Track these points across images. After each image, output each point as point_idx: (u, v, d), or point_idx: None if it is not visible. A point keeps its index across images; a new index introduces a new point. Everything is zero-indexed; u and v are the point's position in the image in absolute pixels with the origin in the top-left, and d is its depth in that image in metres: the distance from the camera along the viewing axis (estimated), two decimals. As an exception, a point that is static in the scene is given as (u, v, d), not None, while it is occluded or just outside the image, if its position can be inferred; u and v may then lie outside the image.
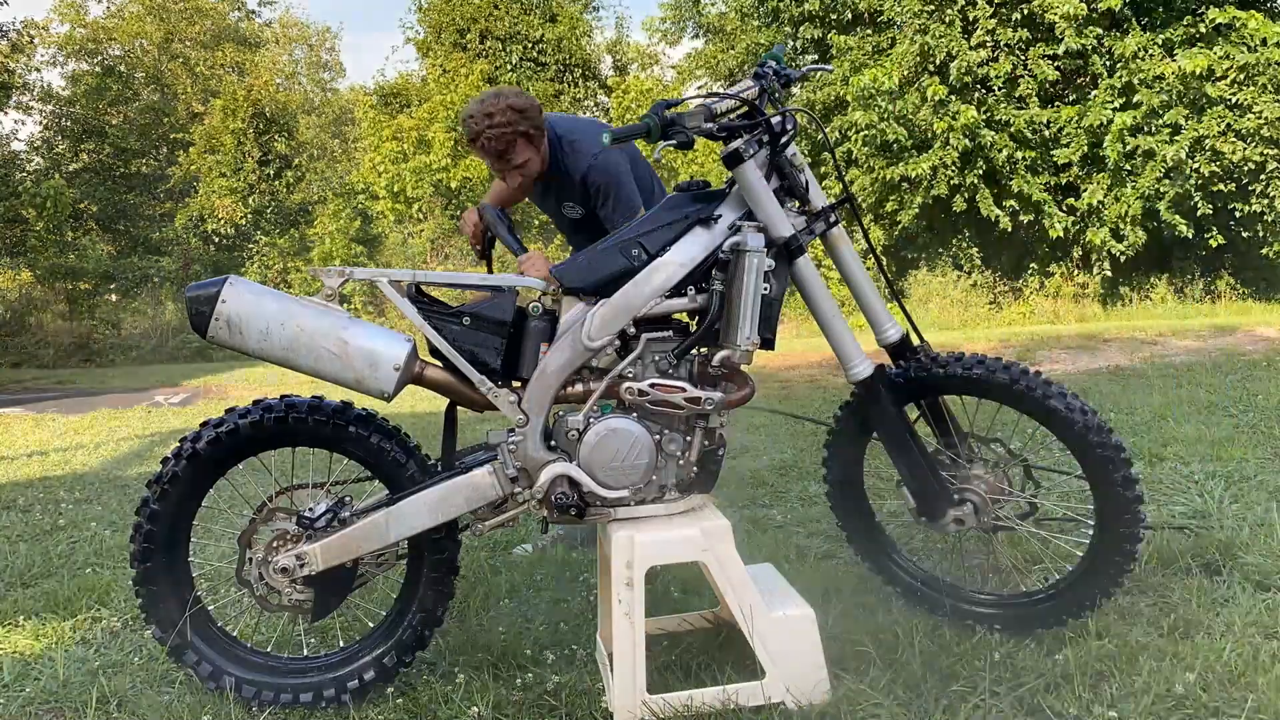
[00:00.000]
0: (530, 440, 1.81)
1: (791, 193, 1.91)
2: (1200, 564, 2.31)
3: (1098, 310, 11.77)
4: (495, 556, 2.78)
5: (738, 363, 1.79)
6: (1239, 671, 1.74)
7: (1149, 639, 1.91)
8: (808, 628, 1.78)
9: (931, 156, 11.71)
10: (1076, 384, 5.32)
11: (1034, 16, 11.73)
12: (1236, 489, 2.94)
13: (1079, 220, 11.97)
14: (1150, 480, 3.06)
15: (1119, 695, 1.69)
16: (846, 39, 12.97)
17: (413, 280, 1.84)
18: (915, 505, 1.98)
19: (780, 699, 1.74)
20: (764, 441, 4.18)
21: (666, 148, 1.74)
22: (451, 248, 14.53)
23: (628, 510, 1.83)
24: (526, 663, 1.99)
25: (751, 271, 1.76)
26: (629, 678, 1.71)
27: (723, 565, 1.77)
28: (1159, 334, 7.78)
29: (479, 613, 2.32)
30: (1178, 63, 10.58)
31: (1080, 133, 11.43)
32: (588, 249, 1.90)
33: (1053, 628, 1.96)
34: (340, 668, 1.87)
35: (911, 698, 1.74)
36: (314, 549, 1.80)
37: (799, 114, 1.95)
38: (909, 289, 12.88)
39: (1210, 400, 4.46)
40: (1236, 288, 12.00)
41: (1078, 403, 1.87)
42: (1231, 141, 10.57)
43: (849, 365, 1.93)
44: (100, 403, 7.56)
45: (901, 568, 2.16)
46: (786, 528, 2.91)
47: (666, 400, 1.78)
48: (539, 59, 18.58)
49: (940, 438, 2.04)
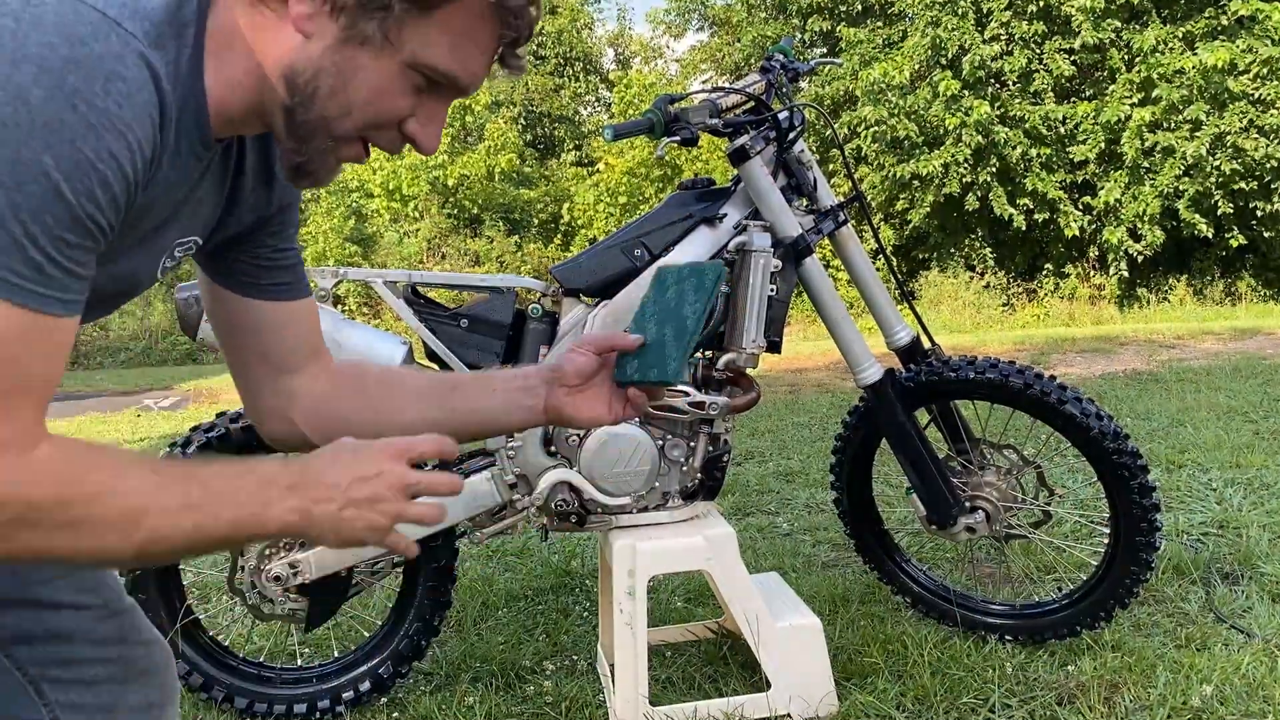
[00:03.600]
0: (529, 446, 1.78)
1: (799, 191, 1.87)
2: (1219, 573, 2.26)
3: (1114, 312, 11.63)
4: (494, 564, 2.75)
5: (743, 366, 1.76)
6: (1257, 683, 1.71)
7: (1165, 650, 1.87)
8: (814, 638, 1.75)
9: (943, 153, 11.61)
10: (1092, 388, 5.25)
11: (1050, 9, 11.61)
12: (1256, 496, 2.88)
13: (1095, 219, 11.85)
14: (1168, 488, 3.02)
15: (1134, 707, 1.66)
16: (856, 32, 12.88)
17: (408, 281, 1.81)
18: (926, 513, 1.95)
19: (786, 711, 1.71)
20: (770, 447, 4.15)
21: (670, 144, 1.70)
22: (449, 247, 14.52)
23: (630, 518, 1.80)
24: (526, 673, 1.96)
25: (757, 272, 1.73)
26: (631, 689, 1.68)
27: (727, 574, 1.73)
28: (1177, 337, 7.69)
29: (477, 622, 2.29)
30: (1199, 56, 10.44)
31: (1097, 129, 11.30)
32: (588, 249, 1.87)
33: (1066, 638, 1.93)
34: (335, 678, 1.85)
35: (921, 710, 1.71)
36: (308, 557, 1.77)
37: (807, 109, 1.91)
38: (920, 290, 12.78)
39: (1230, 405, 4.38)
40: (1258, 289, 11.82)
41: (1093, 408, 1.83)
42: (1254, 138, 10.42)
43: (858, 369, 1.89)
44: (89, 406, 7.53)
45: (911, 577, 2.12)
46: (793, 536, 2.88)
47: (669, 405, 1.75)
48: (539, 52, 18.58)
49: (952, 444, 2.01)
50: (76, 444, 0.71)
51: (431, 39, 0.73)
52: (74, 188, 0.62)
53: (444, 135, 14.68)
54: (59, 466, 0.67)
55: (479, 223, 15.47)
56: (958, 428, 1.99)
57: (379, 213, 15.25)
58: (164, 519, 0.70)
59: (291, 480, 0.76)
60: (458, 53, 0.75)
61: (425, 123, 0.79)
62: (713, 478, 1.84)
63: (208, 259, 0.92)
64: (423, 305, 1.83)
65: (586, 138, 18.79)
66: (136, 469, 0.72)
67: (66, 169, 0.61)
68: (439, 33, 0.73)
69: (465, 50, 0.76)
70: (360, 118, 0.76)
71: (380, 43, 0.73)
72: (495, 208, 15.62)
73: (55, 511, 0.67)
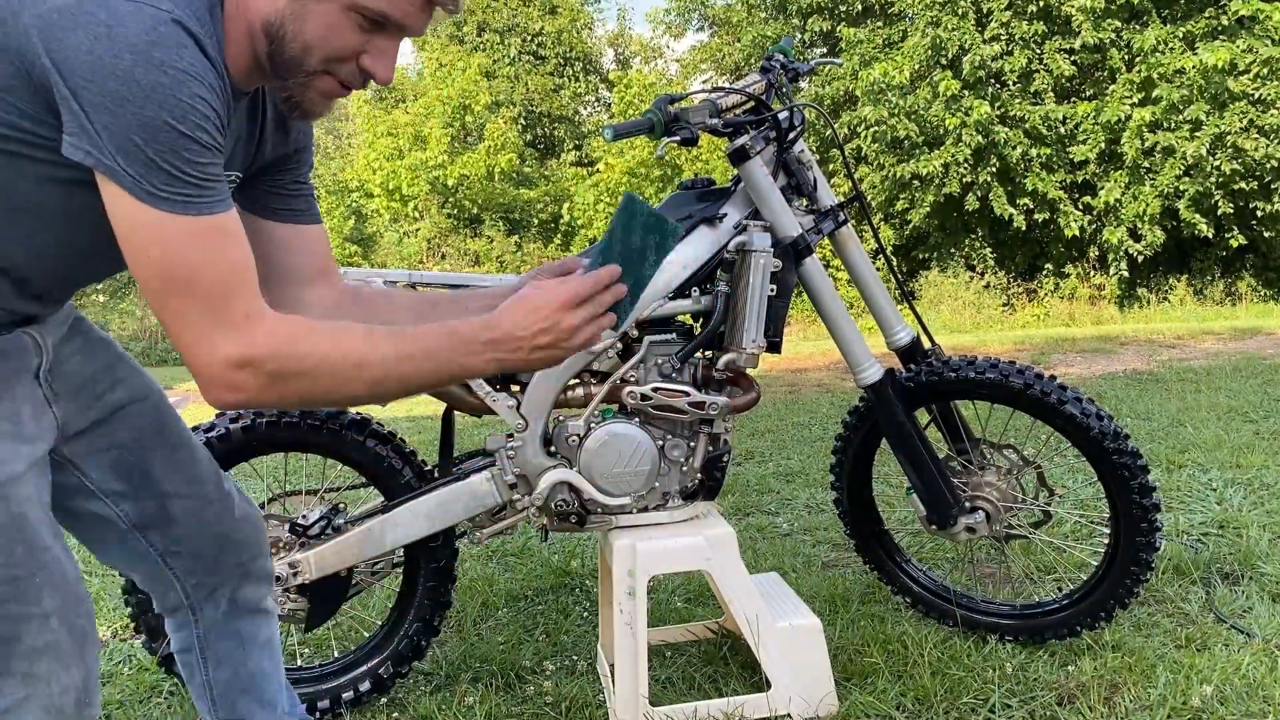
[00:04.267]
0: (529, 446, 1.77)
1: (799, 191, 1.87)
2: (1219, 573, 2.26)
3: (1114, 312, 11.62)
4: (494, 564, 2.74)
5: (743, 366, 1.76)
6: (1257, 683, 1.71)
7: (1165, 650, 1.87)
8: (815, 638, 1.74)
9: (943, 153, 11.60)
10: (1092, 388, 5.25)
11: (1050, 9, 11.61)
12: (1257, 497, 2.88)
13: (1095, 219, 11.84)
14: (1168, 488, 3.01)
15: (1134, 708, 1.66)
16: (856, 31, 12.87)
17: (408, 281, 1.80)
18: (926, 513, 1.94)
19: (786, 711, 1.70)
20: (769, 447, 4.14)
21: (670, 144, 1.70)
22: (449, 247, 14.51)
23: (630, 518, 1.80)
24: (526, 673, 1.95)
25: (757, 272, 1.72)
26: (631, 689, 1.68)
27: (727, 574, 1.73)
28: (1177, 337, 7.68)
29: (477, 622, 2.29)
30: (1199, 56, 10.43)
31: (1097, 129, 11.29)
32: (588, 249, 1.86)
33: (1066, 638, 1.93)
34: (334, 678, 1.84)
35: (921, 710, 1.71)
36: (307, 557, 1.76)
37: (807, 109, 1.91)
38: (920, 290, 12.78)
39: (1230, 405, 4.38)
40: (1258, 289, 11.81)
41: (1093, 408, 1.83)
42: (1254, 138, 10.42)
43: (858, 369, 1.89)
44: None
45: (911, 577, 2.11)
46: (793, 536, 2.87)
47: (670, 405, 1.74)
48: (538, 52, 18.56)
49: (952, 444, 2.00)
50: (297, 319, 0.98)
51: None
52: (185, 122, 0.85)
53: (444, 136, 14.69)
54: (289, 328, 0.95)
55: (479, 223, 15.46)
56: (958, 428, 1.99)
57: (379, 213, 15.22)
58: (380, 369, 0.97)
59: (488, 338, 1.02)
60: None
61: (377, 55, 0.98)
62: (713, 478, 1.83)
63: (242, 189, 1.14)
64: (423, 305, 1.82)
65: (586, 138, 18.78)
66: (350, 332, 0.98)
67: (176, 114, 0.85)
68: None
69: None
70: (319, 54, 0.95)
71: None
72: (495, 208, 15.61)
73: (292, 363, 0.93)
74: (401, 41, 1.00)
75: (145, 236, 0.87)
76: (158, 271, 0.88)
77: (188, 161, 0.86)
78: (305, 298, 1.18)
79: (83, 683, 0.98)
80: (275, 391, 0.94)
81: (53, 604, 0.95)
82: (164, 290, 0.89)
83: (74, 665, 0.97)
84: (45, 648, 0.94)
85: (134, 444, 1.16)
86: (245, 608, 1.30)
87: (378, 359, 0.97)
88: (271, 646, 1.36)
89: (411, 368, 0.99)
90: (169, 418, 1.22)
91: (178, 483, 1.19)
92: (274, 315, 0.94)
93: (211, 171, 0.89)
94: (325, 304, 1.20)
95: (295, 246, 1.18)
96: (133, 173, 0.85)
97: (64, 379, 1.08)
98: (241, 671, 1.30)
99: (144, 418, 1.18)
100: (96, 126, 0.83)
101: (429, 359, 1.00)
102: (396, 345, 0.99)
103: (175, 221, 0.87)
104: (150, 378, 1.21)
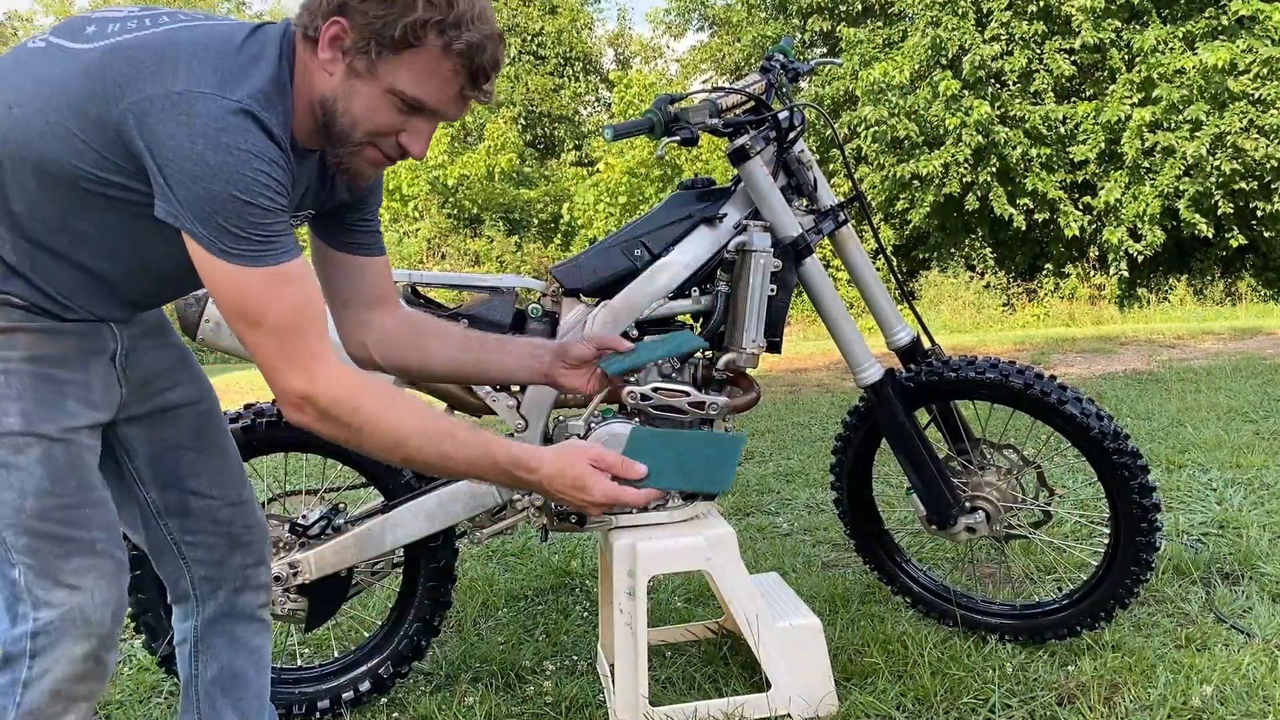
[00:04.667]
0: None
1: (799, 191, 1.87)
2: (1219, 573, 2.26)
3: (1114, 312, 11.62)
4: (494, 564, 2.74)
5: (743, 366, 1.76)
6: (1257, 683, 1.71)
7: (1165, 650, 1.87)
8: (815, 638, 1.74)
9: (943, 153, 11.60)
10: (1092, 388, 5.24)
11: (1050, 9, 11.61)
12: (1256, 497, 2.88)
13: (1095, 219, 11.84)
14: (1168, 488, 3.01)
15: (1134, 708, 1.66)
16: (856, 31, 12.87)
17: (409, 281, 1.81)
18: (926, 513, 1.94)
19: (786, 711, 1.70)
20: (769, 447, 4.14)
21: (670, 144, 1.70)
22: (449, 247, 14.49)
23: (630, 518, 1.79)
24: (526, 673, 1.95)
25: (757, 272, 1.72)
26: (631, 689, 1.68)
27: (727, 574, 1.73)
28: (1177, 337, 7.67)
29: (477, 622, 2.29)
30: (1199, 56, 10.43)
31: (1097, 129, 11.30)
32: (588, 249, 1.86)
33: (1066, 638, 1.92)
34: (334, 678, 1.84)
35: (921, 710, 1.71)
36: (307, 557, 1.76)
37: (807, 109, 1.91)
38: (920, 290, 12.78)
39: (1230, 405, 4.38)
40: (1258, 289, 11.81)
41: (1093, 408, 1.83)
42: (1254, 138, 10.42)
43: (858, 369, 1.88)
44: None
45: (911, 577, 2.11)
46: (793, 536, 2.87)
47: (670, 405, 1.74)
48: (538, 52, 18.56)
49: (952, 444, 2.00)
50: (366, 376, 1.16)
51: (401, 73, 1.06)
52: (248, 193, 1.01)
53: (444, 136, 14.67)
54: (352, 382, 1.10)
55: (479, 223, 15.45)
56: (958, 428, 1.99)
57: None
58: (419, 454, 1.12)
59: (523, 478, 1.16)
60: (423, 84, 1.07)
61: (414, 134, 1.12)
62: (713, 478, 1.83)
63: (318, 224, 1.32)
64: (423, 305, 1.83)
65: (586, 138, 18.78)
66: (404, 409, 1.12)
67: (240, 186, 1.00)
68: (406, 69, 1.06)
69: (430, 82, 1.07)
70: (364, 129, 1.10)
71: (368, 76, 1.07)
72: (495, 208, 15.60)
73: (345, 415, 1.09)
74: (438, 123, 1.14)
75: (220, 283, 1.04)
76: (233, 311, 1.06)
77: (251, 224, 1.02)
78: (368, 318, 1.35)
79: (118, 604, 1.15)
80: (329, 429, 1.10)
81: (99, 534, 1.13)
82: (241, 326, 1.06)
83: (112, 587, 1.14)
84: (89, 568, 1.12)
85: (172, 441, 1.32)
86: (241, 612, 1.39)
87: (415, 447, 1.11)
88: (259, 656, 1.42)
89: (442, 465, 1.15)
90: (210, 424, 1.36)
91: (202, 483, 1.33)
92: (339, 365, 1.09)
93: (275, 229, 1.04)
94: (385, 325, 1.35)
95: (362, 275, 1.34)
96: (207, 234, 1.01)
97: (135, 367, 1.25)
98: (225, 671, 1.39)
99: (188, 420, 1.34)
100: (177, 196, 1.00)
101: (462, 465, 1.15)
102: (439, 443, 1.12)
103: (244, 272, 1.03)
104: (208, 386, 1.37)
